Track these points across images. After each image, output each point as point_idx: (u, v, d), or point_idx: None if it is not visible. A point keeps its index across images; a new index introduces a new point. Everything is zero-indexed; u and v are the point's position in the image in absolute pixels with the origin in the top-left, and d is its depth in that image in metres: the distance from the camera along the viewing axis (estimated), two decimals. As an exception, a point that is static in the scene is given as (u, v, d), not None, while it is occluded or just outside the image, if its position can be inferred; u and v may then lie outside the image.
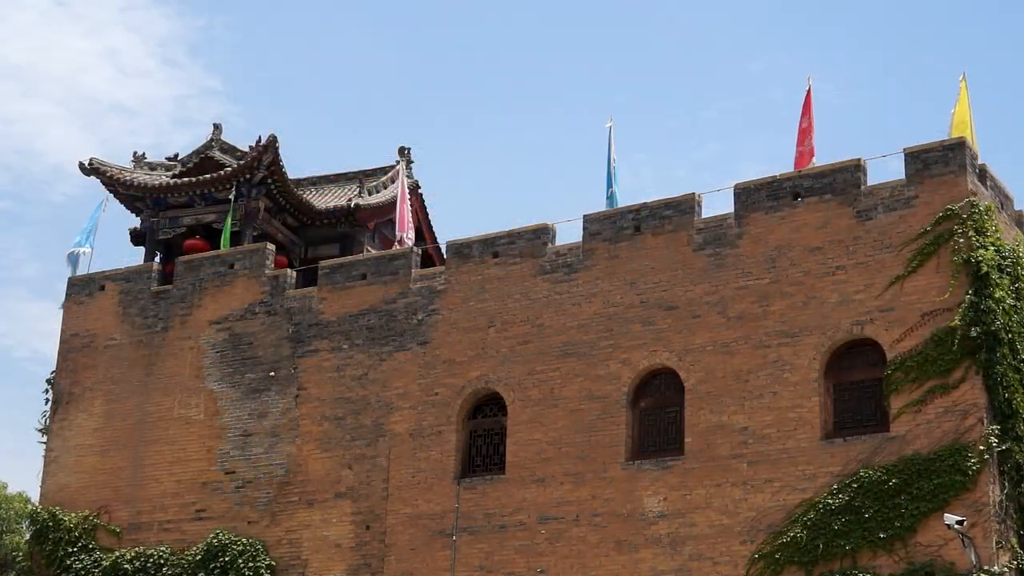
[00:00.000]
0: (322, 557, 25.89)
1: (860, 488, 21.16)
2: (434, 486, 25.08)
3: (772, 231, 23.28)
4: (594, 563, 23.12)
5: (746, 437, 22.45)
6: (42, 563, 28.52)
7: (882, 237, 22.26)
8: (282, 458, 26.90)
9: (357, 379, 26.61)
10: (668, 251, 24.13)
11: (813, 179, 23.31)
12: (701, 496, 22.52)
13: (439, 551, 24.63)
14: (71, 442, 29.45)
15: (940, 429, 20.92)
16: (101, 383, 29.57)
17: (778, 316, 22.77)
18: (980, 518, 20.17)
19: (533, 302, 25.17)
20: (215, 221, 31.05)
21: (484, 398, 25.49)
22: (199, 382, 28.40)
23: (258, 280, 28.53)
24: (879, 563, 20.76)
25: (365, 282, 27.29)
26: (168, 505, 27.79)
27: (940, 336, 21.23)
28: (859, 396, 22.18)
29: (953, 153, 22.25)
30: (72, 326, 30.54)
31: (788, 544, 21.51)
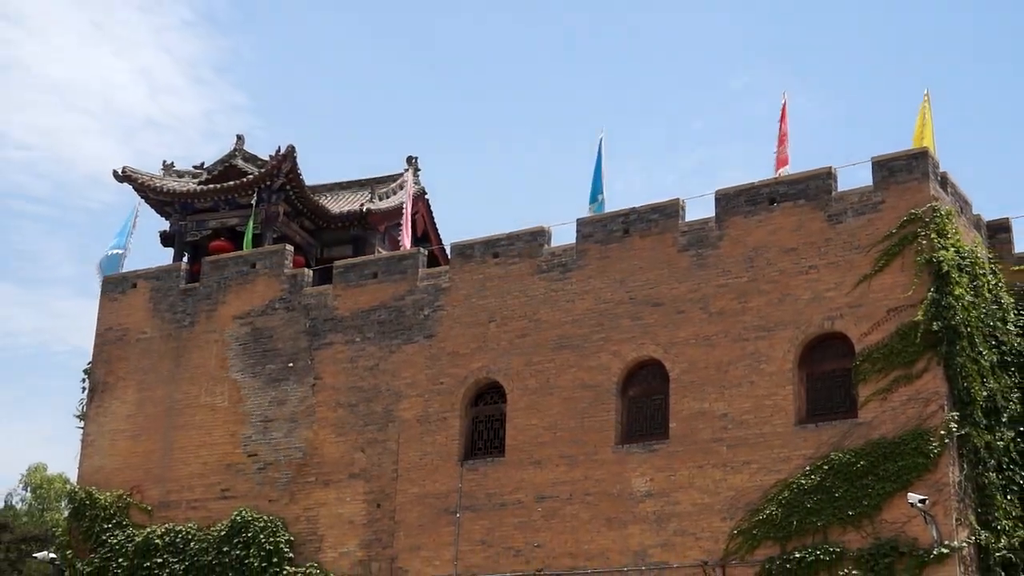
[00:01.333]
0: (337, 533, 25.88)
1: (831, 469, 21.18)
2: (440, 468, 25.08)
3: (750, 233, 23.27)
4: (586, 538, 23.12)
5: (726, 423, 22.46)
6: (79, 538, 28.52)
7: (851, 239, 22.27)
8: (300, 442, 26.90)
9: (369, 369, 26.60)
10: (654, 252, 24.12)
11: (788, 186, 23.32)
12: (684, 477, 22.52)
13: (444, 527, 24.62)
14: (106, 427, 29.45)
15: (904, 415, 20.94)
16: (133, 373, 29.57)
17: (755, 312, 22.77)
18: (941, 497, 20.18)
19: (530, 299, 25.16)
20: (238, 224, 31.06)
21: (485, 387, 25.47)
22: (223, 372, 28.39)
23: (278, 279, 28.53)
24: (848, 539, 20.77)
25: (376, 280, 27.29)
26: (195, 485, 27.78)
27: (904, 330, 21.26)
28: (830, 385, 22.18)
29: (916, 162, 22.27)
30: (107, 321, 30.53)
31: (764, 521, 21.52)
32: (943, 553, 19.86)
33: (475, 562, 24.11)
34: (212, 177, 32.68)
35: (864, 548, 20.54)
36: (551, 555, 23.36)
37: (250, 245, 29.78)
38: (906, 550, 20.17)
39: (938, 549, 19.89)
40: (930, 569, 19.93)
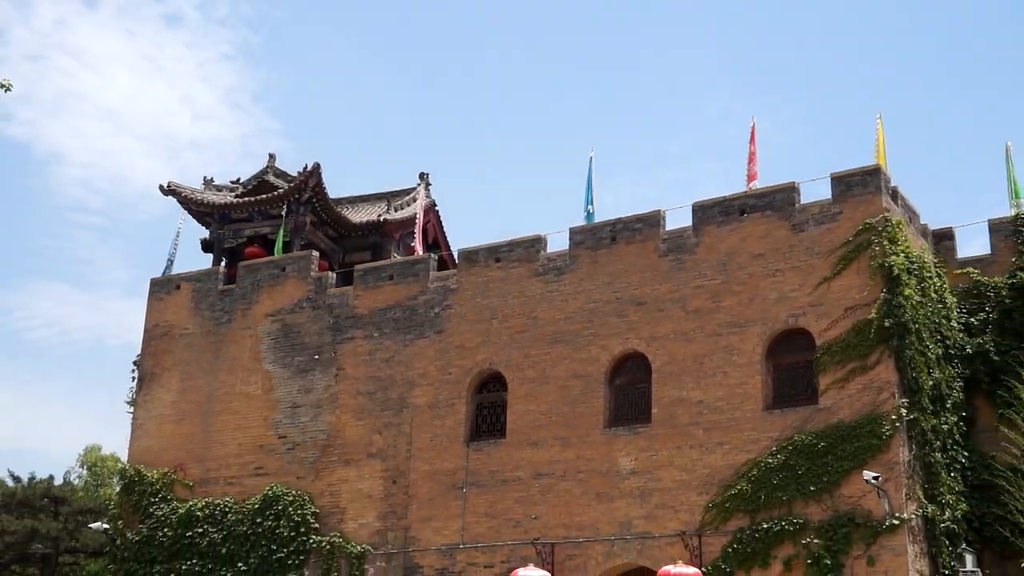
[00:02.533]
0: (357, 506, 25.88)
1: (794, 450, 21.19)
2: (448, 448, 25.06)
3: (723, 240, 23.26)
4: (578, 511, 23.11)
5: (702, 408, 22.44)
6: (129, 511, 28.53)
7: (813, 245, 22.27)
8: (324, 425, 26.90)
9: (385, 361, 26.60)
10: (638, 257, 24.12)
11: (756, 198, 23.32)
12: (665, 457, 22.51)
13: (452, 501, 24.60)
14: (153, 412, 29.46)
15: (860, 402, 20.94)
16: (177, 365, 29.58)
17: (728, 310, 22.76)
18: (892, 475, 20.20)
19: (528, 298, 25.15)
20: (270, 233, 31.08)
21: (488, 377, 25.45)
22: (257, 363, 28.39)
23: (305, 281, 28.54)
24: (810, 511, 20.78)
25: (392, 282, 27.30)
26: (232, 463, 27.79)
27: (860, 326, 21.26)
28: (794, 375, 22.17)
29: (870, 177, 22.27)
30: (154, 318, 30.54)
31: (736, 496, 21.52)
32: (894, 524, 19.89)
33: (479, 532, 24.09)
34: (247, 191, 32.77)
35: (824, 520, 20.56)
36: (547, 526, 23.34)
37: (280, 251, 29.79)
38: (861, 521, 20.19)
39: (890, 521, 19.91)
40: (883, 539, 19.94)
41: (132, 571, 27.68)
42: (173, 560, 27.23)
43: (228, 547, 26.68)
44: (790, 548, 20.72)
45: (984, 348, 23.12)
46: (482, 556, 23.85)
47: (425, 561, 24.50)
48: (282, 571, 25.94)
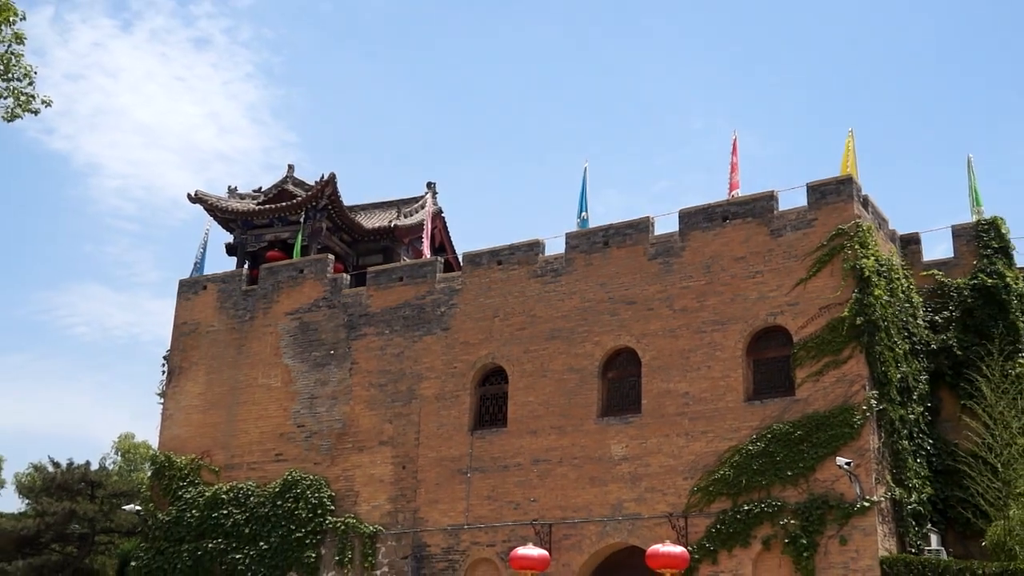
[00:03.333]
0: (370, 489, 25.88)
1: (773, 438, 21.18)
2: (453, 436, 25.06)
3: (707, 245, 23.24)
4: (573, 494, 23.09)
5: (687, 399, 22.43)
6: (160, 493, 28.53)
7: (790, 249, 22.25)
8: (339, 415, 26.88)
9: (396, 356, 26.58)
10: (629, 260, 24.10)
11: (738, 206, 23.30)
12: (654, 444, 22.49)
13: (457, 485, 24.59)
14: (181, 403, 29.46)
15: (833, 394, 20.93)
16: (203, 359, 29.58)
17: (712, 309, 22.75)
18: (863, 460, 20.20)
19: (528, 298, 25.14)
20: (289, 237, 31.06)
21: (491, 370, 25.43)
22: (277, 358, 28.38)
23: (321, 282, 28.52)
24: (787, 494, 20.77)
25: (402, 283, 27.29)
26: (254, 450, 27.79)
27: (833, 324, 21.25)
28: (772, 369, 22.16)
29: (843, 186, 22.25)
30: (182, 317, 30.53)
31: (719, 480, 21.51)
32: (865, 506, 19.88)
33: (482, 514, 24.08)
34: (268, 199, 32.74)
35: (800, 502, 20.55)
36: (544, 508, 23.33)
37: (299, 254, 29.78)
38: (835, 504, 20.18)
39: (861, 503, 19.90)
40: (854, 520, 19.94)
41: (162, 549, 27.68)
42: (200, 539, 27.23)
43: (251, 527, 26.69)
44: (769, 529, 20.71)
45: (948, 344, 23.13)
46: (485, 536, 23.84)
47: (432, 540, 24.49)
48: (300, 550, 25.94)
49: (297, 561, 25.91)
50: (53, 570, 36.34)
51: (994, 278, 23.16)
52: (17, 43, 11.26)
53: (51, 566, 36.25)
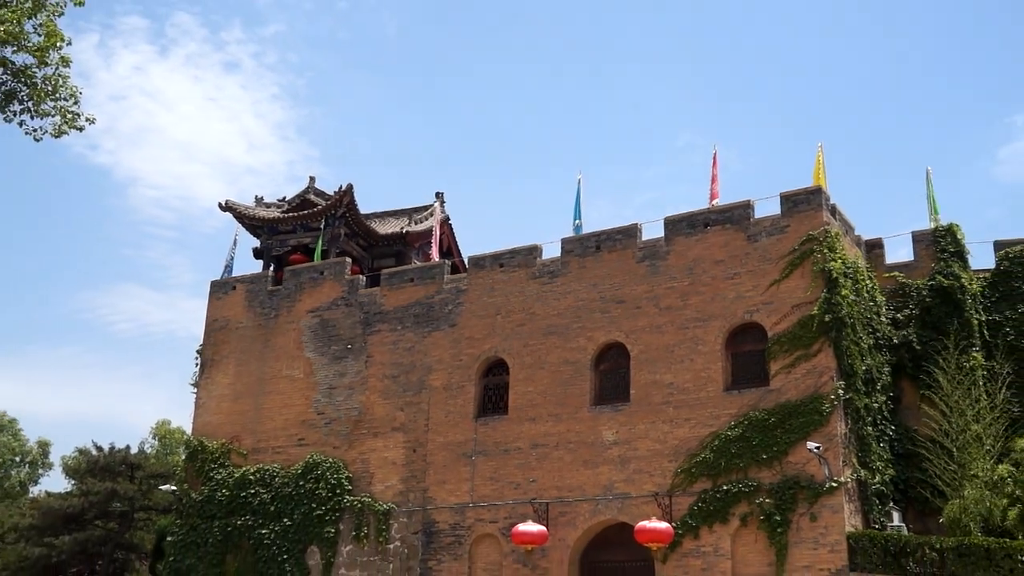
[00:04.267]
0: (383, 471, 25.87)
1: (749, 424, 21.17)
2: (459, 423, 25.04)
3: (690, 249, 23.23)
4: (568, 475, 23.09)
5: (672, 390, 22.42)
6: (193, 475, 28.53)
7: (765, 253, 22.24)
8: (356, 404, 26.88)
9: (407, 350, 26.57)
10: (619, 263, 24.08)
11: (718, 214, 23.28)
12: (641, 430, 22.48)
13: (463, 467, 24.58)
14: (213, 393, 29.46)
15: (804, 384, 20.92)
16: (233, 353, 29.57)
17: (694, 307, 22.73)
18: (831, 445, 20.18)
19: (527, 297, 25.13)
20: (311, 242, 31.07)
21: (493, 363, 25.41)
22: (299, 352, 28.38)
23: (340, 283, 28.52)
24: (762, 475, 20.76)
25: (413, 284, 27.28)
26: (279, 435, 27.78)
27: (804, 321, 21.23)
28: (749, 361, 22.13)
29: (813, 196, 22.25)
30: (214, 314, 30.53)
31: (700, 463, 21.50)
32: (833, 486, 19.86)
33: (485, 493, 24.07)
34: (291, 208, 32.75)
35: (774, 483, 20.54)
36: (542, 488, 23.31)
37: (319, 257, 29.78)
38: (805, 484, 20.17)
39: (829, 483, 19.89)
40: (823, 499, 19.93)
41: (195, 526, 27.68)
42: (230, 516, 27.23)
43: (276, 505, 26.69)
44: (746, 507, 20.70)
45: (908, 339, 23.12)
46: (488, 513, 23.83)
47: (440, 517, 24.48)
48: (321, 526, 25.94)
49: (317, 536, 25.92)
50: (96, 544, 36.39)
51: (950, 279, 23.15)
52: (64, 66, 11.26)
53: (94, 541, 36.29)
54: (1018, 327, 22.82)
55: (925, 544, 18.88)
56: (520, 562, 22.97)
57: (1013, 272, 23.40)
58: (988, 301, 23.36)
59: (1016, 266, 23.41)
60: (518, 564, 23.00)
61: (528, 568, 22.87)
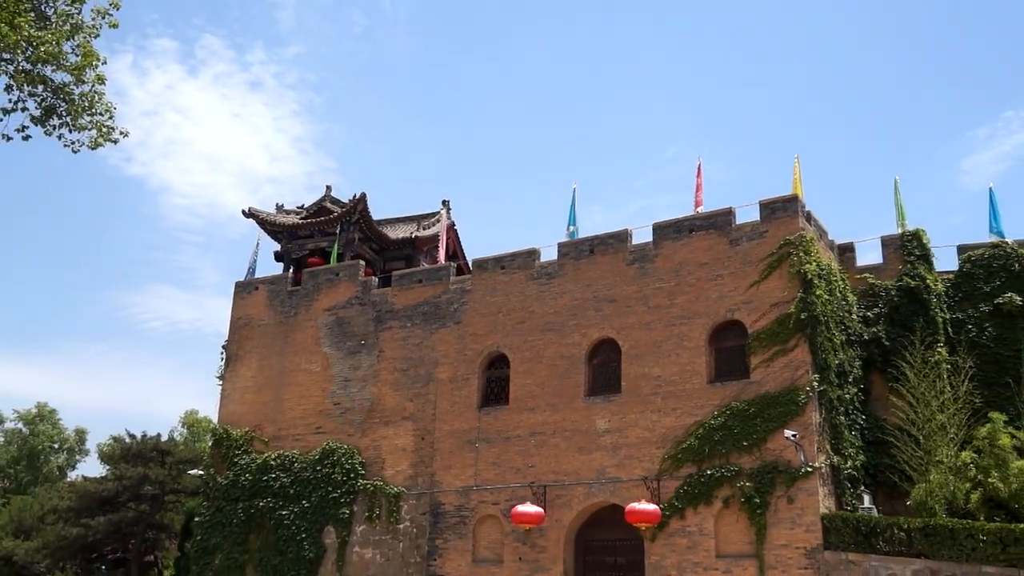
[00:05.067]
0: (394, 457, 25.86)
1: (732, 414, 21.14)
2: (464, 412, 25.02)
3: (676, 252, 23.22)
4: (564, 461, 23.07)
5: (660, 382, 22.40)
6: (219, 460, 28.52)
7: (745, 256, 22.22)
8: (369, 395, 26.86)
9: (416, 345, 26.56)
10: (611, 265, 24.07)
11: (702, 220, 23.26)
12: (632, 419, 22.46)
13: (467, 453, 24.57)
14: (237, 385, 29.45)
15: (782, 377, 20.89)
16: (255, 348, 29.56)
17: (680, 306, 22.72)
18: (807, 433, 20.16)
19: (526, 297, 25.11)
20: (327, 246, 31.08)
21: (496, 357, 25.39)
22: (317, 347, 28.37)
23: (354, 283, 28.50)
24: (743, 461, 20.73)
25: (421, 284, 27.26)
26: (298, 424, 27.77)
27: (782, 318, 21.21)
28: (731, 356, 22.11)
29: (790, 204, 22.23)
30: (238, 312, 30.53)
31: (686, 449, 21.47)
32: (808, 471, 19.84)
33: (488, 477, 24.06)
34: (309, 214, 32.77)
35: (754, 468, 20.51)
36: (540, 472, 23.30)
37: (335, 260, 29.79)
38: (783, 469, 20.15)
39: (805, 468, 19.87)
40: (799, 482, 19.90)
41: (221, 507, 27.68)
42: (253, 498, 27.22)
43: (295, 488, 26.68)
44: (728, 490, 20.68)
45: (877, 336, 23.11)
46: (490, 496, 23.81)
47: (446, 500, 24.47)
48: (336, 507, 25.93)
49: (333, 517, 25.91)
50: (129, 525, 36.34)
51: (916, 280, 23.15)
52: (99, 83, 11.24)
53: (128, 522, 36.25)
54: (979, 325, 22.81)
55: (894, 525, 18.86)
56: (520, 541, 22.96)
57: (975, 274, 23.39)
58: (952, 300, 23.35)
59: (977, 268, 23.41)
60: (518, 543, 22.98)
61: (527, 546, 22.85)
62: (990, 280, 23.11)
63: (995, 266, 23.22)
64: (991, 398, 21.56)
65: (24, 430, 55.66)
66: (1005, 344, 22.36)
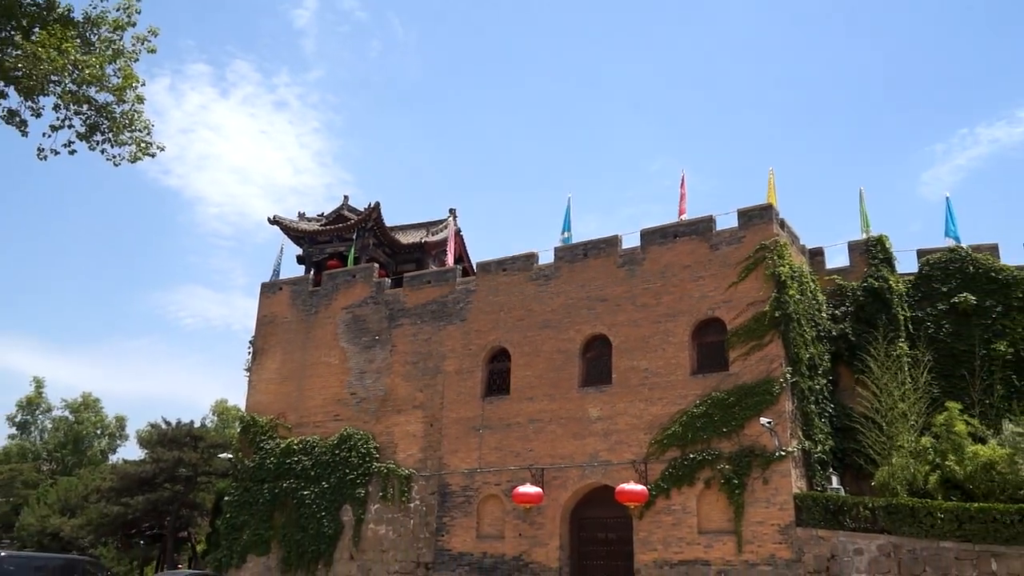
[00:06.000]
0: (405, 442, 25.85)
1: (712, 403, 21.13)
2: (469, 402, 25.02)
3: (662, 256, 23.21)
4: (560, 445, 23.06)
5: (647, 374, 22.39)
6: (246, 445, 28.53)
7: (725, 259, 22.21)
8: (382, 385, 26.85)
9: (425, 340, 26.55)
10: (603, 268, 24.06)
11: (686, 226, 23.26)
12: (622, 407, 22.46)
13: (472, 439, 24.56)
14: (263, 376, 29.45)
15: (758, 369, 20.89)
16: (279, 343, 29.56)
17: (666, 305, 22.71)
18: (780, 420, 20.16)
19: (526, 297, 25.10)
20: (344, 250, 31.08)
21: (498, 351, 25.38)
22: (335, 342, 28.36)
23: (369, 284, 28.50)
24: (723, 446, 20.73)
25: (430, 285, 27.25)
26: (317, 412, 27.76)
27: (758, 316, 21.20)
28: (712, 350, 22.10)
29: (765, 212, 22.22)
30: (264, 310, 30.53)
31: (671, 435, 21.46)
32: (782, 455, 19.84)
33: (491, 460, 24.05)
34: (328, 222, 32.77)
35: (733, 452, 20.51)
36: (538, 456, 23.30)
37: (352, 263, 29.79)
38: (759, 453, 20.14)
39: (779, 452, 19.86)
40: (774, 465, 19.90)
41: (248, 488, 27.69)
42: (277, 480, 27.23)
43: (315, 470, 26.69)
44: (709, 472, 20.67)
45: (844, 332, 23.09)
46: (493, 477, 23.82)
47: (453, 481, 24.47)
48: (353, 487, 25.93)
49: (350, 496, 25.91)
50: (165, 503, 36.35)
51: (880, 281, 23.13)
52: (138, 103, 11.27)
53: (163, 501, 36.26)
54: (937, 322, 22.80)
55: (859, 503, 18.86)
56: (520, 518, 22.95)
57: (933, 276, 23.39)
58: (912, 300, 23.34)
59: (935, 270, 23.40)
60: (518, 520, 22.98)
61: (526, 523, 22.85)
62: (947, 281, 23.10)
63: (951, 268, 23.21)
64: (948, 389, 21.56)
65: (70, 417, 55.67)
66: (960, 339, 22.35)
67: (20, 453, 51.67)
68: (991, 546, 16.99)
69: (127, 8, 11.10)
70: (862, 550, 18.38)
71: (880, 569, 18.07)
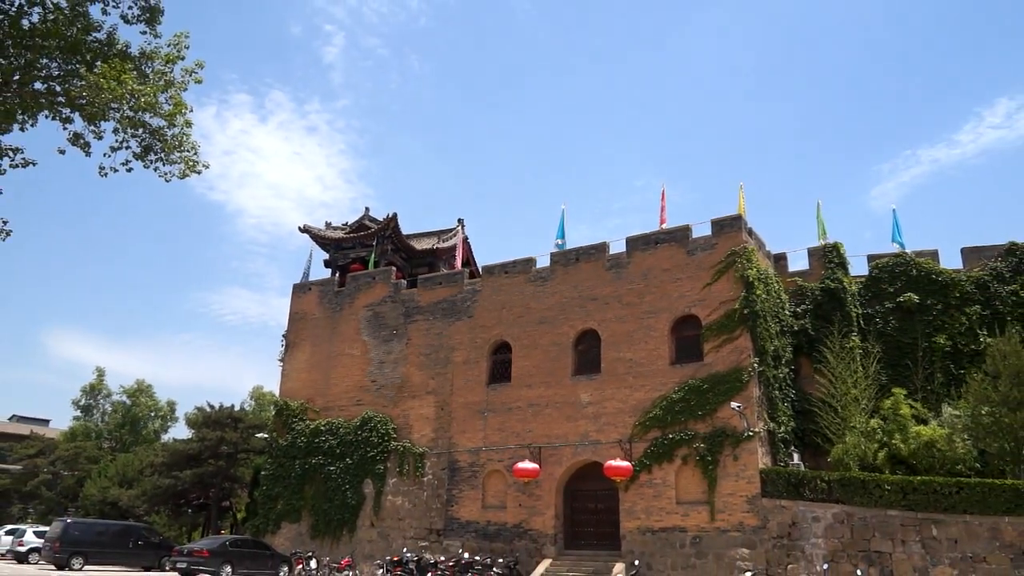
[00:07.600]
0: (420, 424, 25.80)
1: (689, 389, 21.10)
2: (475, 388, 24.99)
3: (645, 260, 23.18)
4: (555, 427, 23.02)
5: (632, 364, 22.36)
6: (280, 426, 28.48)
7: (700, 264, 22.18)
8: (399, 374, 26.81)
9: (437, 335, 26.51)
10: (593, 270, 24.02)
11: (666, 234, 23.22)
12: (609, 393, 22.43)
13: (478, 421, 24.53)
14: (294, 366, 29.40)
15: (729, 360, 20.86)
16: (309, 337, 29.52)
17: (648, 303, 22.68)
18: (749, 404, 20.14)
19: (525, 296, 25.06)
20: (366, 255, 31.03)
21: (500, 344, 25.35)
22: (357, 336, 28.32)
23: (387, 285, 28.46)
24: (698, 427, 20.70)
25: (441, 286, 27.21)
26: (342, 397, 27.72)
27: (729, 313, 21.18)
28: (689, 343, 22.07)
29: (735, 221, 22.18)
30: (295, 308, 30.48)
31: (652, 418, 21.44)
32: (750, 435, 19.82)
33: (495, 440, 24.01)
34: (352, 230, 32.70)
35: (707, 432, 20.49)
36: (536, 436, 23.26)
37: (372, 266, 29.75)
38: (730, 433, 20.13)
39: (747, 433, 19.84)
40: (743, 444, 19.89)
41: (282, 463, 27.66)
42: (307, 457, 27.20)
43: (340, 449, 26.66)
44: (686, 450, 20.65)
45: (804, 327, 23.05)
46: (496, 455, 23.78)
47: (461, 458, 24.43)
48: (373, 464, 25.90)
49: (371, 471, 25.88)
50: (210, 477, 36.28)
51: (835, 283, 23.10)
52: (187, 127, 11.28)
53: (208, 474, 36.19)
54: (885, 318, 22.77)
55: (817, 477, 18.85)
56: (520, 491, 22.92)
57: (881, 278, 23.37)
58: (863, 299, 23.31)
59: (884, 273, 23.38)
60: (518, 492, 22.95)
61: (526, 495, 22.82)
62: (893, 283, 23.08)
63: (897, 271, 23.19)
64: (894, 377, 21.54)
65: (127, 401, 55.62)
66: (905, 334, 22.33)
67: (84, 433, 51.64)
68: (932, 514, 17.01)
69: (177, 44, 11.11)
70: (819, 518, 18.38)
71: (835, 534, 18.06)
